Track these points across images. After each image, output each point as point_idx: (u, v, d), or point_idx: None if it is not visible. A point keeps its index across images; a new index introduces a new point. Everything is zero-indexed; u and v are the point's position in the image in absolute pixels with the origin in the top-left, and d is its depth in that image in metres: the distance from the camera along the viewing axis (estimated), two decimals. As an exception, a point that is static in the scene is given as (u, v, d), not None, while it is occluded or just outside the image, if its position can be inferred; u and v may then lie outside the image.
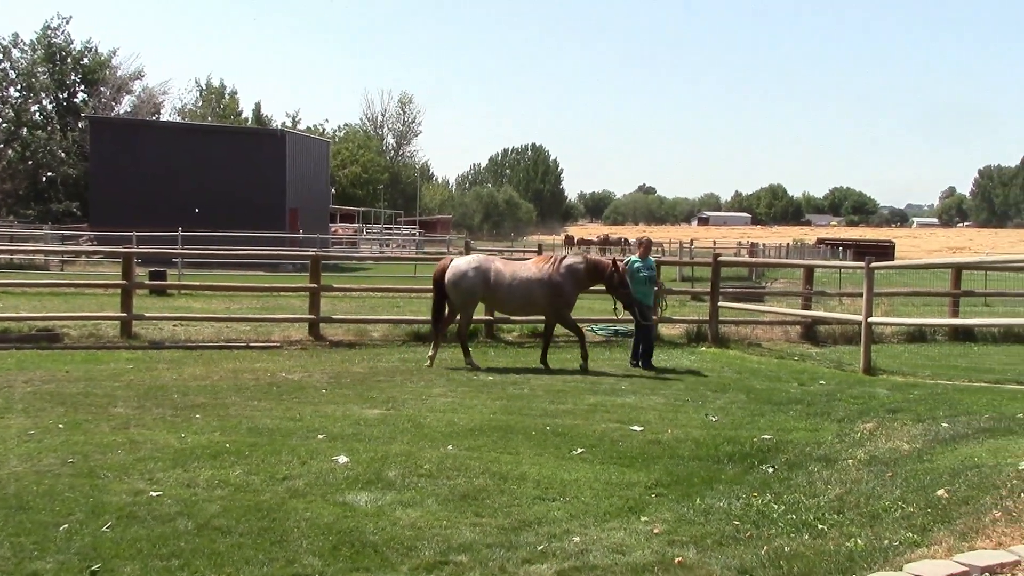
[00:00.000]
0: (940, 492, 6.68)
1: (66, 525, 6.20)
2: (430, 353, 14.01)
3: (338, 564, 5.62)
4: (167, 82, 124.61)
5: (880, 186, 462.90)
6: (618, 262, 14.46)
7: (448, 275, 14.08)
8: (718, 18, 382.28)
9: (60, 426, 9.12)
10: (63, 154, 59.77)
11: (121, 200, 40.40)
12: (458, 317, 14.37)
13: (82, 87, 65.19)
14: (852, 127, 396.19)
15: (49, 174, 59.87)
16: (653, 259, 15.48)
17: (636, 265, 14.66)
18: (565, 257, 14.39)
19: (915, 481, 7.14)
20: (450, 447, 8.56)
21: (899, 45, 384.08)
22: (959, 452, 7.90)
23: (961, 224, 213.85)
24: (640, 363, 14.13)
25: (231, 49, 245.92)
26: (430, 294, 14.66)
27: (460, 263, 14.27)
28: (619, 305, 14.42)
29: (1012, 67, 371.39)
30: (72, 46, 64.38)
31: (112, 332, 16.03)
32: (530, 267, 14.26)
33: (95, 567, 5.49)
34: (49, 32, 63.12)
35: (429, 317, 14.74)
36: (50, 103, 64.34)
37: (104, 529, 6.15)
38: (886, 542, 5.81)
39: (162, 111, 74.12)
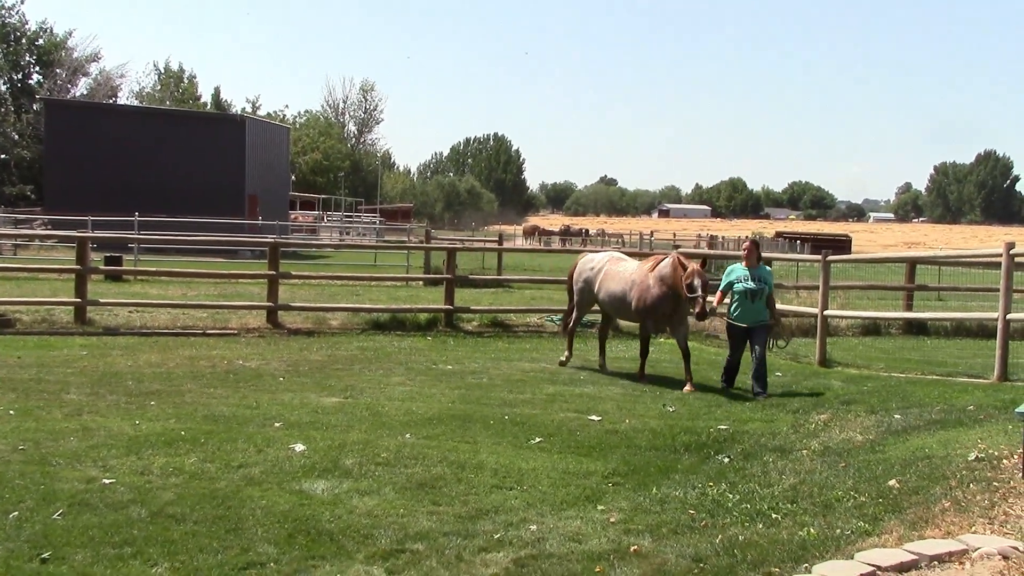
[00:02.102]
0: (892, 482, 6.78)
1: (16, 512, 6.11)
2: (563, 358, 13.28)
3: (294, 552, 5.60)
4: (124, 65, 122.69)
5: (838, 181, 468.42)
6: (694, 266, 11.55)
7: (573, 271, 13.49)
8: (680, 11, 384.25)
9: (11, 412, 8.97)
10: (16, 136, 58.72)
11: (76, 184, 39.71)
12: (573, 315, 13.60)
13: (37, 68, 64.07)
14: (812, 122, 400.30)
15: (2, 156, 58.77)
16: (768, 268, 12.29)
17: (734, 275, 11.64)
18: (664, 259, 12.05)
19: (867, 471, 7.24)
20: (408, 436, 8.54)
21: (859, 42, 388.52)
22: (910, 443, 8.02)
23: (916, 220, 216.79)
24: (752, 391, 11.21)
25: (190, 33, 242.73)
26: (389, 283, 14.58)
27: (584, 261, 13.40)
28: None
29: (968, 65, 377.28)
30: (27, 26, 63.24)
31: (66, 318, 15.80)
32: (631, 268, 12.62)
33: (45, 554, 5.42)
34: (3, 12, 61.95)
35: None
36: (3, 84, 63.11)
37: (55, 516, 6.06)
38: (838, 531, 5.89)
39: (119, 94, 73.10)
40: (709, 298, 11.37)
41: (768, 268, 11.21)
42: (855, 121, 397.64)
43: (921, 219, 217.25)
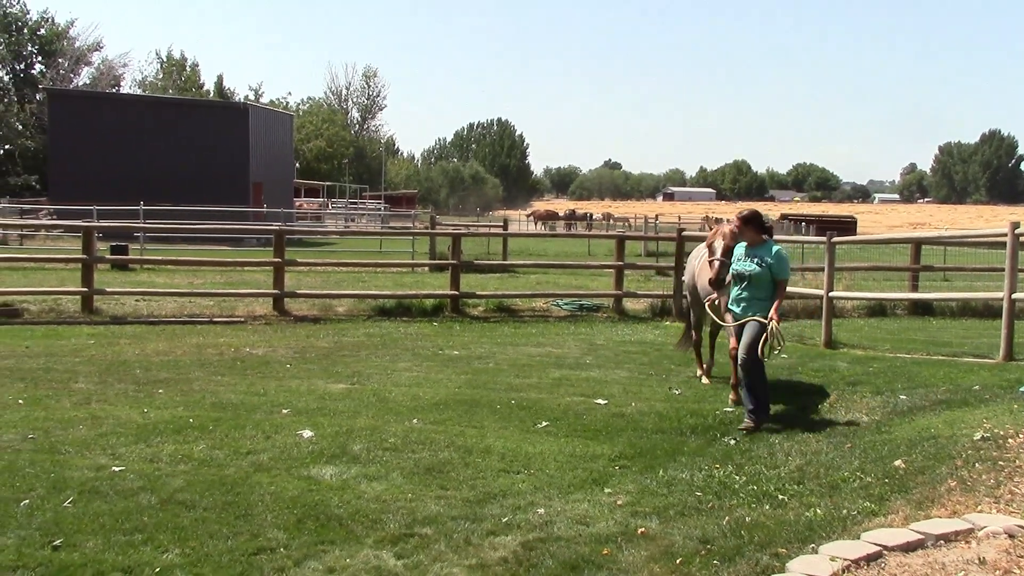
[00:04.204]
0: (897, 463, 6.79)
1: (27, 500, 6.16)
2: (699, 373, 11.04)
3: (303, 537, 5.63)
4: (127, 54, 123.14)
5: (843, 162, 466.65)
6: (725, 227, 9.54)
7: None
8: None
9: (20, 401, 9.02)
10: (20, 126, 58.74)
11: (81, 174, 39.78)
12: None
13: (39, 58, 64.02)
14: (816, 104, 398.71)
15: (7, 147, 58.83)
16: (778, 246, 9.10)
17: (735, 254, 9.17)
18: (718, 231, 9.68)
19: (873, 452, 7.26)
20: (415, 421, 8.57)
21: (863, 23, 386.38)
22: (916, 423, 8.03)
23: (921, 200, 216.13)
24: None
25: (192, 21, 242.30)
26: (395, 269, 14.54)
27: (691, 255, 11.55)
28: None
29: (972, 46, 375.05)
30: (28, 16, 63.19)
31: (73, 307, 15.85)
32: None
33: (57, 542, 5.46)
34: (4, 2, 61.86)
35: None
36: (6, 74, 63.18)
37: (66, 504, 6.11)
38: (844, 511, 5.91)
39: (122, 83, 73.05)
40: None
41: (777, 247, 8.92)
42: (859, 102, 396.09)
43: (926, 200, 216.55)
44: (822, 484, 6.64)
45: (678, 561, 5.31)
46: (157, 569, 5.14)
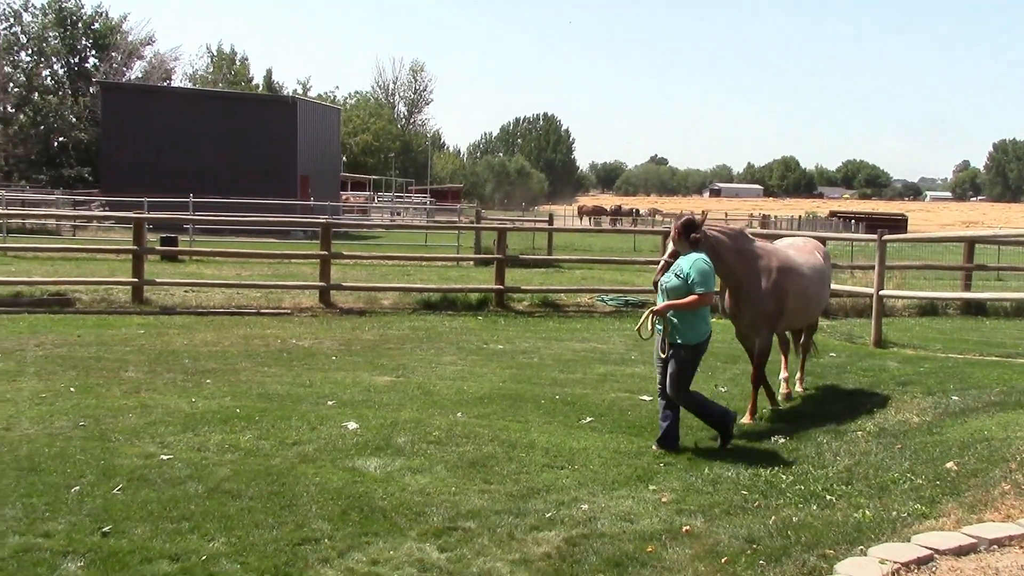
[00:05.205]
0: (949, 464, 6.67)
1: (78, 487, 6.25)
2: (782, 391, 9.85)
3: (347, 528, 5.66)
4: (178, 48, 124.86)
5: (894, 159, 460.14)
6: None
7: None
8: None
9: (72, 390, 9.17)
10: (74, 119, 59.70)
11: (132, 166, 40.37)
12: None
13: (93, 52, 64.94)
14: (867, 99, 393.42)
15: (61, 139, 59.83)
16: (699, 254, 7.80)
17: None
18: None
19: (924, 453, 7.14)
20: (459, 414, 8.58)
21: (917, 17, 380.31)
22: (969, 425, 7.89)
23: (975, 198, 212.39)
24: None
25: (242, 15, 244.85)
26: (440, 263, 14.53)
27: None
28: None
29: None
30: (83, 11, 64.10)
31: (124, 297, 16.09)
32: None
33: (106, 528, 5.54)
34: (60, -3, 62.86)
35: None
36: (61, 68, 64.17)
37: (115, 491, 6.19)
38: (894, 513, 5.82)
39: (173, 77, 73.94)
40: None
41: (698, 257, 7.65)
42: (912, 98, 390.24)
43: (979, 198, 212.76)
44: (871, 485, 6.54)
45: (723, 560, 5.26)
46: (203, 557, 5.19)
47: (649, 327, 7.92)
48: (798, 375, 10.08)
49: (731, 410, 8.05)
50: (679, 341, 7.66)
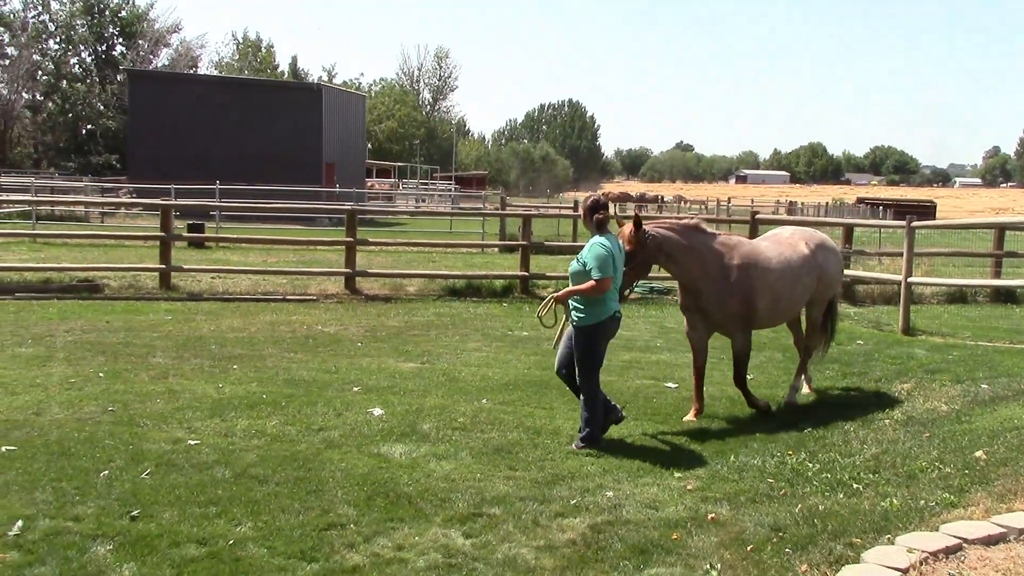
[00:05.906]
0: (978, 453, 6.61)
1: (106, 471, 6.32)
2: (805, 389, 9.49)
3: (373, 514, 5.68)
4: (204, 35, 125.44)
5: (922, 145, 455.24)
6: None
7: None
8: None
9: (100, 375, 9.26)
10: (102, 107, 60.17)
11: (159, 153, 40.62)
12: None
13: (120, 40, 65.40)
14: (895, 85, 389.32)
15: (89, 127, 60.35)
16: (601, 238, 7.69)
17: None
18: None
19: (953, 442, 7.08)
20: (484, 401, 8.59)
21: (942, 3, 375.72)
22: (999, 414, 7.81)
23: (1005, 184, 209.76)
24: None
25: (267, 2, 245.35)
26: (465, 249, 14.51)
27: None
28: None
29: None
30: (110, -1, 64.55)
31: (151, 283, 16.21)
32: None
33: (135, 512, 5.59)
34: (87, -15, 63.29)
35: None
36: (89, 56, 64.70)
37: (143, 476, 6.25)
38: (922, 502, 5.77)
39: (199, 65, 74.31)
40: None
41: (597, 239, 7.60)
42: (941, 83, 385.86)
43: (1010, 184, 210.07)
44: (899, 474, 6.49)
45: (749, 548, 5.24)
46: (231, 541, 5.23)
47: (553, 314, 7.72)
48: (803, 378, 9.43)
49: (613, 420, 7.56)
50: (575, 324, 7.41)
